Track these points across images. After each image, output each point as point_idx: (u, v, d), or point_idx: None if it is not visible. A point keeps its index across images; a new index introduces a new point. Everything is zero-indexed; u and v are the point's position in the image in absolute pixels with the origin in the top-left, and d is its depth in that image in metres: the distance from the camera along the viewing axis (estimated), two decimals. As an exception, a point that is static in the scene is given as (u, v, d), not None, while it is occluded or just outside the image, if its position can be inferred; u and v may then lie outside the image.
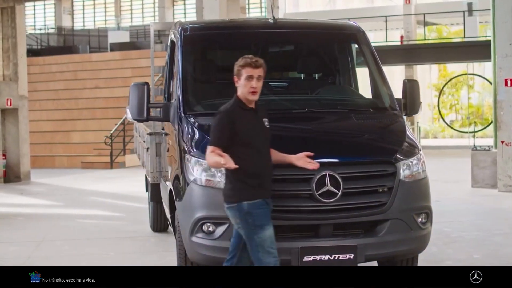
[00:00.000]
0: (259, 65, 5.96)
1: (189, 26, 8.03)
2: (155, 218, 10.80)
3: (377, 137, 7.13)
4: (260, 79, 5.96)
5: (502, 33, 15.19)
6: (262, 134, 6.00)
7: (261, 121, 6.05)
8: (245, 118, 5.94)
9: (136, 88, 7.45)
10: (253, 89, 5.92)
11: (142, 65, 29.29)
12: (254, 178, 5.86)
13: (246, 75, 5.93)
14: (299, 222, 6.42)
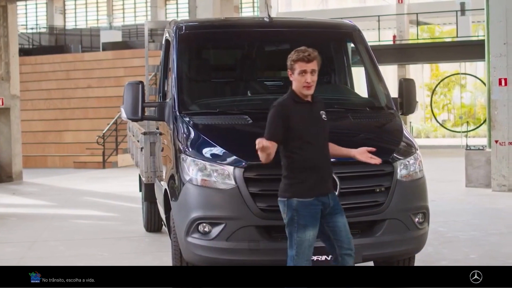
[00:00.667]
0: (312, 59, 5.75)
1: (184, 25, 7.97)
2: (149, 218, 10.74)
3: (374, 136, 7.09)
4: (314, 73, 5.77)
5: (496, 32, 15.17)
6: (317, 128, 5.80)
7: (318, 114, 5.85)
8: (299, 112, 5.77)
9: (130, 87, 7.40)
10: (307, 84, 5.74)
11: (135, 64, 29.22)
12: (307, 173, 5.71)
13: (299, 70, 5.75)
14: (295, 222, 6.37)
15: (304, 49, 5.81)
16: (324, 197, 5.77)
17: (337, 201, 5.88)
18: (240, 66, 8.27)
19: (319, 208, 5.75)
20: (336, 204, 5.85)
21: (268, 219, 6.29)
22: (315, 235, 5.78)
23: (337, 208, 5.85)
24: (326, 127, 5.88)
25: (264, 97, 7.75)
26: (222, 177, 6.37)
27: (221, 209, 6.38)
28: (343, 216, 5.86)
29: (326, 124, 5.88)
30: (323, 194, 5.77)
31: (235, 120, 7.00)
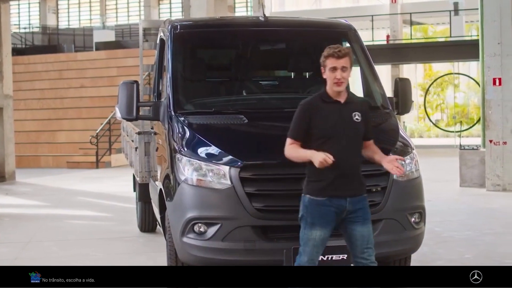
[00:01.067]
0: (342, 55, 5.64)
1: (179, 24, 7.93)
2: (143, 218, 10.69)
3: None
4: (346, 70, 5.65)
5: (491, 32, 15.18)
6: (344, 129, 5.66)
7: (348, 115, 5.70)
8: (325, 111, 5.69)
9: (125, 86, 7.37)
10: (337, 80, 5.64)
11: (128, 64, 29.17)
12: (324, 173, 5.58)
13: (330, 66, 5.66)
14: (291, 222, 6.30)
15: (336, 45, 5.73)
16: (339, 199, 5.64)
17: (359, 208, 5.67)
18: (235, 65, 8.24)
19: (331, 210, 5.64)
20: (357, 211, 5.67)
21: (264, 219, 6.26)
22: (324, 237, 5.68)
23: (357, 216, 5.67)
24: (357, 129, 5.71)
25: (260, 97, 7.75)
26: (218, 177, 6.35)
27: (217, 209, 6.35)
28: (363, 225, 5.68)
29: (358, 125, 5.71)
30: (338, 196, 5.63)
31: (230, 119, 6.97)
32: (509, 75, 15.00)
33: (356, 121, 5.72)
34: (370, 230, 5.73)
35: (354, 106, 5.78)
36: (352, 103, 5.78)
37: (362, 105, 5.87)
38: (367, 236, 5.70)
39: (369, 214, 5.74)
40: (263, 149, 6.61)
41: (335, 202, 5.64)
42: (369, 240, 5.71)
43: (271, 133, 6.97)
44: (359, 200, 5.70)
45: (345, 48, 5.76)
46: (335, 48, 5.67)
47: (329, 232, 5.69)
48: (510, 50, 14.98)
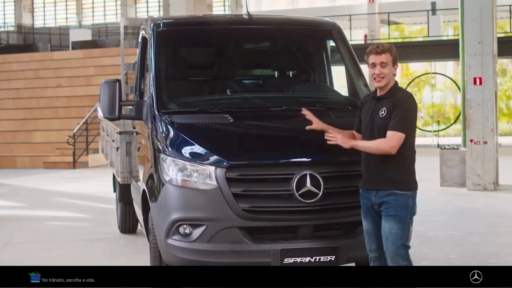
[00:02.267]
0: (381, 51, 5.72)
1: (162, 22, 7.79)
2: (123, 220, 10.54)
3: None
4: (386, 66, 5.71)
5: (471, 31, 15.17)
6: (374, 123, 5.76)
7: (377, 110, 5.76)
8: (366, 106, 5.92)
9: (107, 85, 7.21)
10: (376, 76, 5.74)
11: (105, 63, 28.95)
12: (362, 167, 5.91)
13: (370, 63, 5.78)
14: (278, 223, 6.25)
15: (377, 43, 5.83)
16: (368, 191, 5.82)
17: (383, 202, 5.72)
18: (219, 64, 8.10)
19: (364, 202, 5.87)
20: (381, 205, 5.73)
21: (251, 220, 6.16)
22: (368, 228, 5.89)
23: (382, 210, 5.74)
24: (383, 124, 5.69)
25: (244, 96, 7.64)
26: (203, 177, 6.22)
27: (203, 210, 6.22)
28: (385, 221, 5.72)
29: (383, 120, 5.70)
30: (367, 188, 5.83)
31: (215, 119, 6.85)
32: (489, 74, 15.01)
33: (381, 116, 5.74)
34: (392, 227, 5.68)
35: (386, 101, 5.77)
36: (385, 98, 5.77)
37: (396, 99, 5.73)
38: (387, 232, 5.71)
39: (393, 211, 5.69)
40: (250, 149, 6.49)
41: (366, 194, 5.86)
42: (389, 237, 5.69)
43: (257, 133, 6.87)
44: (385, 194, 5.72)
45: (386, 44, 5.82)
46: (375, 45, 5.81)
47: (370, 223, 5.87)
48: (490, 49, 14.99)
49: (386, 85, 5.78)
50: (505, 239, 9.98)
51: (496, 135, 15.40)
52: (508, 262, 8.50)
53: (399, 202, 5.69)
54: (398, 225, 5.67)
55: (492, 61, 15.00)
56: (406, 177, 5.76)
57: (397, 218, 5.67)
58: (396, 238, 5.66)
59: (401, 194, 5.70)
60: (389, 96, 5.77)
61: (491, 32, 15.08)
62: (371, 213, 5.83)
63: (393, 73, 5.78)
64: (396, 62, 5.80)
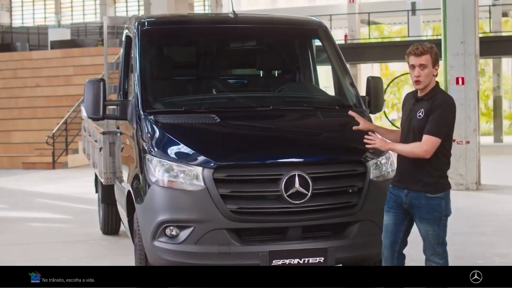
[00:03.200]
0: (421, 53, 5.64)
1: (146, 20, 7.69)
2: (106, 221, 10.41)
3: (346, 135, 6.91)
4: (425, 68, 5.63)
5: (454, 31, 15.15)
6: (411, 125, 5.74)
7: (415, 112, 5.72)
8: (407, 105, 5.88)
9: (91, 85, 7.10)
10: (415, 78, 5.68)
11: (84, 63, 28.68)
12: (397, 165, 5.93)
13: (410, 64, 5.72)
14: (267, 224, 6.19)
15: (418, 43, 5.75)
16: (398, 189, 5.82)
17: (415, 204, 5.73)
18: (205, 63, 8.01)
19: (391, 197, 5.87)
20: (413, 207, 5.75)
21: (239, 221, 6.09)
22: (388, 222, 5.89)
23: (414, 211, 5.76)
24: (420, 126, 5.65)
25: (231, 96, 7.56)
26: (190, 178, 6.14)
27: (190, 212, 6.15)
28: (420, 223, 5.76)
29: (420, 122, 5.66)
30: (398, 186, 5.82)
31: (202, 119, 6.76)
32: (472, 74, 15.00)
33: (419, 118, 5.69)
34: (428, 229, 5.72)
35: (424, 103, 5.71)
36: (424, 100, 5.71)
37: (434, 102, 5.66)
38: (424, 234, 5.76)
39: (427, 214, 5.70)
40: (237, 149, 6.42)
41: (395, 191, 5.84)
42: (427, 238, 5.75)
43: (245, 133, 6.80)
44: (417, 196, 5.71)
45: (427, 45, 5.72)
46: (416, 45, 5.71)
47: (392, 219, 5.87)
48: (473, 49, 14.98)
49: (425, 87, 5.70)
50: (490, 239, 9.97)
51: (479, 135, 15.42)
52: (495, 262, 8.48)
53: (431, 205, 5.70)
54: (433, 227, 5.71)
55: (474, 61, 15.00)
56: (437, 180, 5.71)
57: (431, 221, 5.70)
58: (433, 240, 5.74)
59: (433, 197, 5.68)
60: (428, 98, 5.70)
61: (474, 32, 15.08)
62: (397, 209, 5.84)
63: (434, 74, 5.70)
64: (437, 63, 5.70)
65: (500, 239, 10.03)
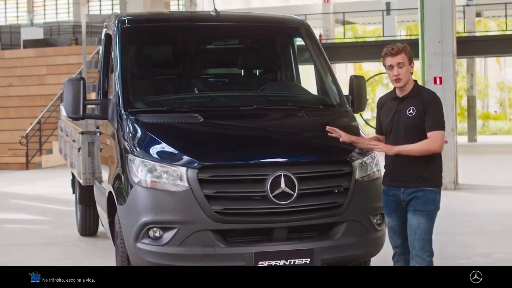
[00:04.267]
0: (396, 52, 5.76)
1: (127, 18, 7.57)
2: (84, 222, 10.26)
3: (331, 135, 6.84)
4: (402, 66, 5.75)
5: (431, 31, 15.15)
6: (400, 123, 5.77)
7: (404, 109, 5.77)
8: (387, 106, 5.93)
9: (71, 84, 6.96)
10: (395, 77, 5.77)
11: (58, 62, 28.39)
12: (387, 165, 5.92)
13: (387, 65, 5.81)
14: (252, 225, 6.09)
15: (392, 44, 5.85)
16: (394, 189, 5.84)
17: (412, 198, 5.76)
18: (187, 61, 7.89)
19: (390, 199, 5.90)
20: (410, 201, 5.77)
21: (224, 222, 5.99)
22: (393, 224, 5.93)
23: (410, 205, 5.78)
24: (411, 122, 5.73)
25: (214, 95, 7.46)
26: (174, 179, 6.04)
27: (173, 213, 6.03)
28: (413, 215, 5.77)
29: (412, 119, 5.73)
30: (393, 185, 5.84)
31: (185, 118, 6.65)
32: (449, 73, 15.01)
33: (409, 115, 5.75)
34: (421, 222, 5.73)
35: (412, 100, 5.79)
36: (410, 97, 5.81)
37: (423, 98, 5.79)
38: (415, 227, 5.77)
39: (422, 206, 5.74)
40: (222, 149, 6.32)
41: (392, 192, 5.87)
42: (417, 231, 5.75)
43: (229, 133, 6.71)
44: (414, 191, 5.76)
45: (400, 44, 5.84)
46: (390, 46, 5.82)
47: (396, 220, 5.91)
48: (450, 49, 14.99)
49: (405, 84, 5.80)
50: (470, 239, 9.95)
51: (456, 134, 15.44)
52: (477, 262, 8.46)
53: (428, 197, 5.76)
54: (426, 219, 5.75)
55: (452, 61, 15.01)
56: (434, 174, 5.82)
57: (425, 213, 5.75)
58: (424, 233, 5.76)
59: (430, 190, 5.77)
60: (415, 95, 5.81)
61: (451, 31, 15.11)
62: (398, 210, 5.87)
63: (411, 72, 5.82)
64: (412, 61, 5.83)
65: (480, 239, 10.02)
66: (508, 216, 11.83)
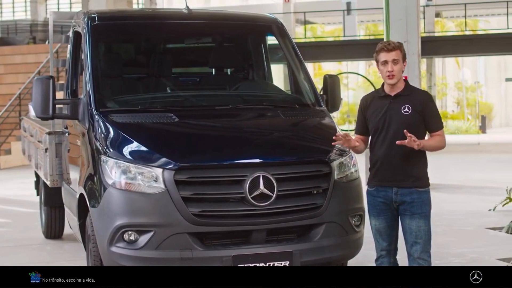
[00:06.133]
0: (392, 48, 5.68)
1: (97, 16, 7.35)
2: (49, 225, 10.02)
3: (309, 135, 6.76)
4: (397, 63, 5.67)
5: (396, 31, 15.13)
6: (393, 121, 5.67)
7: (397, 108, 5.68)
8: (376, 105, 5.80)
9: (40, 82, 6.75)
10: (388, 73, 5.67)
11: (16, 61, 28.00)
12: (375, 164, 5.80)
13: (381, 60, 5.71)
14: (230, 228, 5.95)
15: (387, 40, 5.82)
16: (385, 188, 5.73)
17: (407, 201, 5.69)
18: (159, 60, 7.70)
19: (378, 200, 5.78)
20: (404, 204, 5.71)
21: (201, 225, 5.84)
22: (380, 226, 5.82)
23: (405, 208, 5.71)
24: (406, 121, 5.63)
25: (188, 94, 7.29)
26: (149, 180, 5.88)
27: (149, 216, 5.87)
28: (411, 219, 5.70)
29: (407, 118, 5.66)
30: (384, 185, 5.73)
31: (159, 118, 6.48)
32: (415, 73, 15.01)
33: (405, 113, 5.67)
34: (420, 225, 5.69)
35: (406, 98, 5.73)
36: (404, 96, 5.75)
37: (418, 97, 5.77)
38: (415, 230, 5.72)
39: (419, 208, 5.69)
40: (199, 150, 6.16)
41: (382, 193, 5.76)
42: (418, 234, 5.71)
43: (206, 133, 6.56)
44: (408, 192, 5.68)
45: (395, 42, 5.79)
46: (384, 43, 5.76)
47: (384, 222, 5.80)
48: (415, 49, 15.00)
49: (397, 82, 5.74)
50: (443, 239, 9.89)
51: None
52: (451, 262, 8.42)
53: (423, 198, 5.72)
54: (425, 221, 5.74)
55: (417, 60, 15.05)
56: (424, 173, 5.79)
57: (423, 215, 5.72)
58: (425, 234, 5.74)
59: (423, 191, 5.72)
60: (408, 93, 5.76)
61: (416, 31, 15.13)
62: (386, 211, 5.79)
63: (403, 70, 5.77)
64: (405, 59, 5.78)
65: (451, 239, 9.98)
66: (476, 216, 11.84)
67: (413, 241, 5.73)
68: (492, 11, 42.15)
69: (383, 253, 5.92)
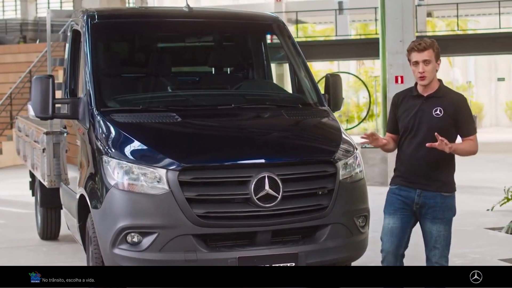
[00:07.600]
0: (423, 48, 5.49)
1: (97, 14, 7.25)
2: (45, 226, 9.91)
3: (314, 135, 6.68)
4: (428, 63, 5.49)
5: (392, 30, 15.16)
6: (423, 123, 5.53)
7: (428, 109, 5.53)
8: (407, 104, 5.65)
9: (39, 82, 6.65)
10: (420, 74, 5.53)
11: (7, 60, 27.80)
12: (401, 163, 5.70)
13: (412, 60, 5.56)
14: (235, 229, 5.86)
15: (419, 39, 5.58)
16: (408, 189, 5.62)
17: (429, 204, 5.59)
18: (160, 59, 7.60)
19: (398, 199, 5.66)
20: (426, 207, 5.60)
21: (206, 226, 5.76)
22: (393, 226, 5.69)
23: (427, 212, 5.61)
24: (437, 123, 5.48)
25: (190, 93, 7.20)
26: (152, 181, 5.78)
27: (153, 217, 5.78)
28: (432, 223, 5.63)
29: (438, 120, 5.51)
30: (407, 186, 5.61)
31: (161, 118, 6.39)
32: (410, 72, 14.91)
33: (436, 116, 5.53)
34: (441, 230, 5.63)
35: (438, 100, 5.56)
36: (436, 97, 5.58)
37: (451, 101, 5.58)
38: (435, 235, 5.65)
39: (441, 213, 5.60)
40: (203, 150, 6.07)
41: (404, 192, 5.63)
42: (438, 240, 5.65)
43: (209, 133, 6.48)
44: (432, 195, 5.57)
45: (428, 40, 5.57)
46: (416, 42, 5.58)
47: (398, 221, 5.67)
48: (412, 48, 14.94)
49: (430, 82, 5.57)
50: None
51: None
52: (453, 263, 8.24)
53: (446, 204, 5.61)
54: (446, 227, 5.65)
55: (413, 60, 14.97)
56: (452, 179, 5.68)
57: (445, 220, 5.64)
58: (445, 240, 5.68)
59: (447, 196, 5.60)
60: (441, 96, 5.59)
61: (412, 30, 15.11)
62: (404, 210, 5.67)
63: (437, 69, 5.59)
64: (439, 57, 5.60)
65: (452, 239, 9.85)
66: (475, 216, 11.79)
67: (432, 246, 5.67)
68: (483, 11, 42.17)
69: (388, 257, 5.77)
